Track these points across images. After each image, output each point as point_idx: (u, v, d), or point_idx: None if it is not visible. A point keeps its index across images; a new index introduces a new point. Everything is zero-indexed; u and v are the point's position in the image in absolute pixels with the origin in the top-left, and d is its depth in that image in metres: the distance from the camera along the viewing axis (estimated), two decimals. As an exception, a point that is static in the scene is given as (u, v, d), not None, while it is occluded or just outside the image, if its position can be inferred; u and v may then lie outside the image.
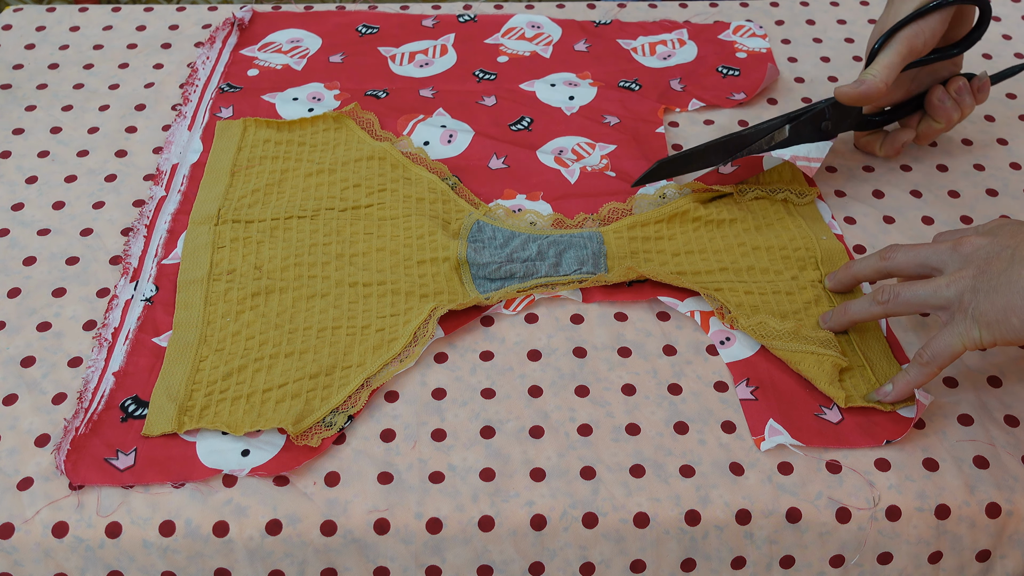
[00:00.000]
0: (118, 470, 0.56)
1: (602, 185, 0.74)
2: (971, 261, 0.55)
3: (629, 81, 0.84)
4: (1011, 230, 0.56)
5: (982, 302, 0.53)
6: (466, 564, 0.56)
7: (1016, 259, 0.52)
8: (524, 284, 0.66)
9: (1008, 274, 0.52)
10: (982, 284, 0.53)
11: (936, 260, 0.58)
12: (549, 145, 0.78)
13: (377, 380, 0.61)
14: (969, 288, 0.54)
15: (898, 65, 0.68)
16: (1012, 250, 0.53)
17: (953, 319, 0.55)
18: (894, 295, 0.58)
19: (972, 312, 0.54)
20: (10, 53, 0.87)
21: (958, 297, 0.55)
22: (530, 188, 0.74)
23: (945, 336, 0.55)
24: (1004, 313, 0.52)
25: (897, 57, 0.68)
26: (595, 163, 0.76)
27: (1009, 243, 0.54)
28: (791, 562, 0.56)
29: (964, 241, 0.57)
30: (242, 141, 0.77)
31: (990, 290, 0.53)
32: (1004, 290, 0.52)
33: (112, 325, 0.64)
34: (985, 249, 0.55)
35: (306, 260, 0.68)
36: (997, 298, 0.52)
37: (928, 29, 0.68)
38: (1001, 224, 0.57)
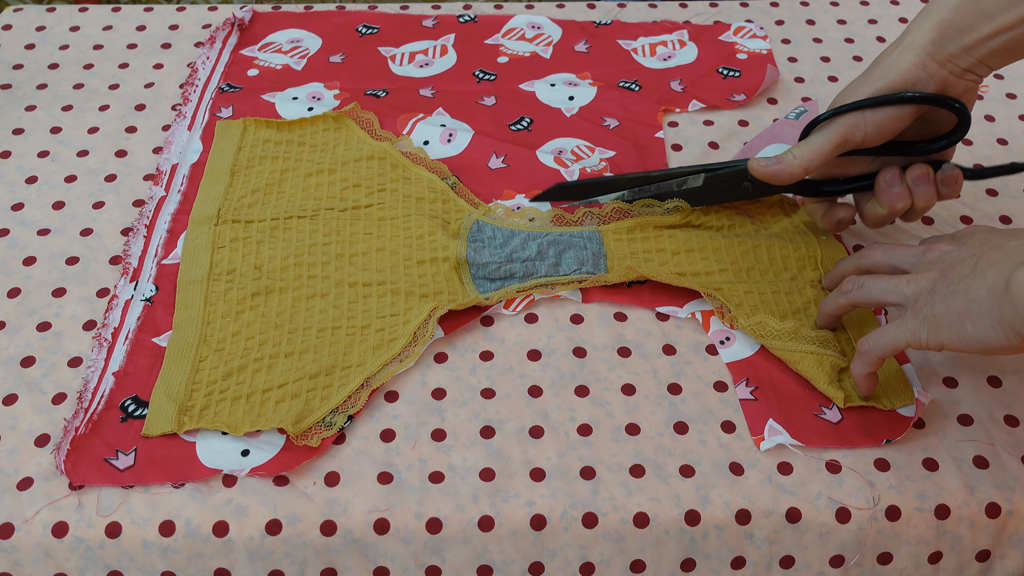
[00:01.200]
0: (118, 470, 0.56)
1: None
2: (935, 264, 0.56)
3: (629, 82, 0.84)
4: (980, 239, 0.56)
5: (938, 304, 0.53)
6: (466, 564, 0.56)
7: (978, 268, 0.52)
8: (524, 284, 0.66)
9: (968, 281, 0.52)
10: (941, 287, 0.53)
11: (906, 261, 0.58)
12: (549, 145, 0.78)
13: (377, 380, 0.61)
14: (927, 289, 0.54)
15: (828, 152, 0.61)
16: (976, 258, 0.53)
17: (904, 315, 0.55)
18: (857, 286, 0.59)
19: (925, 312, 0.54)
20: (10, 53, 0.87)
21: (915, 295, 0.55)
22: (529, 188, 0.74)
23: (891, 330, 0.55)
24: (958, 318, 0.52)
25: (828, 144, 0.61)
26: (594, 164, 0.76)
27: (975, 251, 0.54)
28: (791, 562, 0.56)
29: (934, 246, 0.57)
30: (242, 141, 0.77)
31: (948, 294, 0.53)
32: (961, 296, 0.52)
33: (112, 325, 0.64)
34: (951, 255, 0.55)
35: (306, 260, 0.68)
36: (953, 302, 0.52)
37: (874, 122, 0.60)
38: (973, 232, 0.57)
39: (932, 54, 0.59)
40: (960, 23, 0.58)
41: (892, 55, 0.61)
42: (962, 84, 0.61)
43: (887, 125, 0.60)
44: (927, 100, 0.60)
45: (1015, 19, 0.57)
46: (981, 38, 0.58)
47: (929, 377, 0.62)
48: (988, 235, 0.56)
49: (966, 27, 0.58)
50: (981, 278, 0.51)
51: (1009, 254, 0.52)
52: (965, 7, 0.58)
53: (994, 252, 0.53)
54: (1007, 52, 0.59)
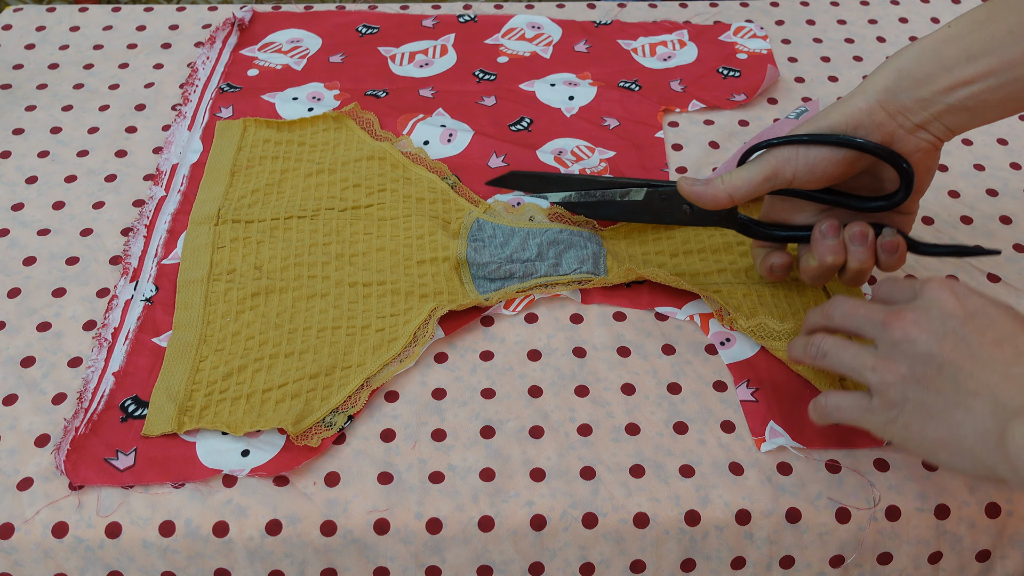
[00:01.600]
0: (118, 470, 0.56)
1: None
2: (904, 355, 0.50)
3: (629, 82, 0.84)
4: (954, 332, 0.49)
5: (910, 415, 0.49)
6: (466, 564, 0.56)
7: (961, 391, 0.47)
8: (524, 284, 0.66)
9: (950, 408, 0.48)
10: (915, 394, 0.49)
11: (868, 331, 0.53)
12: (549, 145, 0.78)
13: (377, 380, 0.61)
14: (896, 387, 0.49)
15: (756, 183, 0.58)
16: (955, 373, 0.48)
17: (871, 403, 0.51)
18: (821, 354, 0.54)
19: (896, 415, 0.50)
20: (10, 53, 0.87)
21: (883, 387, 0.50)
22: None
23: (856, 411, 0.52)
24: (933, 444, 0.48)
25: (758, 175, 0.58)
26: (594, 165, 0.76)
27: (952, 358, 0.48)
28: (791, 562, 0.56)
29: (897, 323, 0.50)
30: (242, 141, 0.77)
31: (924, 412, 0.48)
32: (941, 422, 0.48)
33: (112, 325, 0.64)
34: (922, 350, 0.49)
35: (306, 260, 0.68)
36: (930, 426, 0.48)
37: (807, 160, 0.57)
38: (943, 313, 0.50)
39: (883, 102, 0.56)
40: (918, 73, 0.55)
41: (845, 97, 0.58)
42: (913, 141, 0.56)
43: (819, 167, 0.57)
44: (864, 148, 0.56)
45: (974, 73, 0.54)
46: (938, 91, 0.55)
47: (929, 377, 0.62)
48: (962, 328, 0.49)
49: (923, 78, 0.55)
50: (966, 411, 0.47)
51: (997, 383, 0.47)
52: (925, 57, 0.55)
53: (977, 369, 0.48)
54: (966, 111, 0.55)
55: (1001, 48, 0.53)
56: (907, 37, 0.90)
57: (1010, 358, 0.48)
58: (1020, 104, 0.55)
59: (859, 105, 0.56)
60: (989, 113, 0.56)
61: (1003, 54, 0.53)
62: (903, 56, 0.56)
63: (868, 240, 0.58)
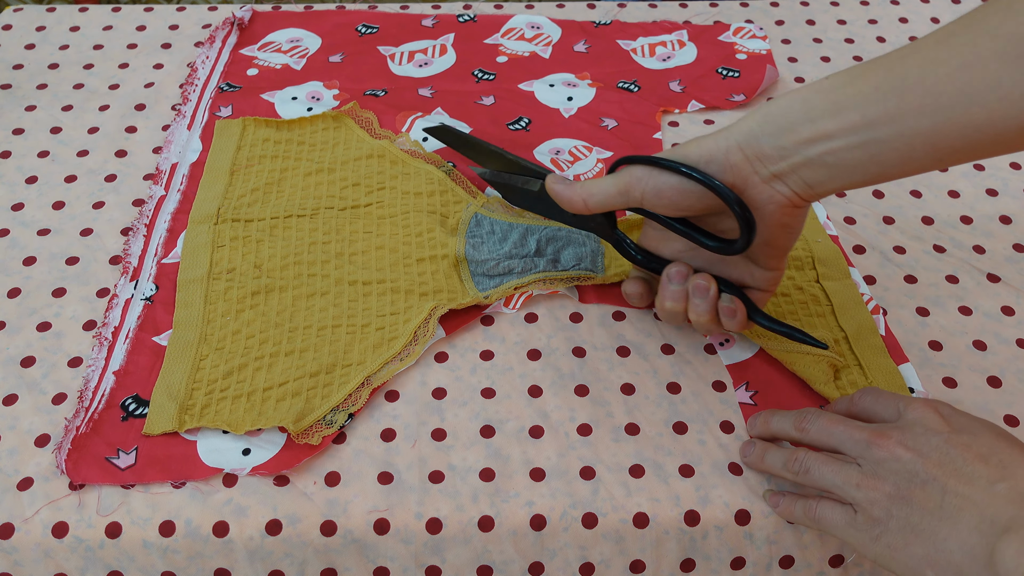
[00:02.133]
0: (119, 469, 0.56)
1: None
2: (889, 473, 0.49)
3: (628, 82, 0.84)
4: (937, 447, 0.49)
5: (894, 533, 0.48)
6: (466, 564, 0.56)
7: (946, 507, 0.47)
8: (522, 280, 0.66)
9: (935, 524, 0.47)
10: (900, 512, 0.48)
11: (850, 449, 0.52)
12: (546, 146, 0.78)
13: (378, 379, 0.61)
14: (881, 504, 0.49)
15: (611, 195, 0.57)
16: (942, 489, 0.48)
17: (856, 519, 0.50)
18: (804, 470, 0.53)
19: (880, 533, 0.49)
20: (10, 53, 0.87)
21: (867, 504, 0.50)
22: None
23: (843, 524, 0.51)
24: (919, 562, 0.47)
25: (612, 188, 0.57)
26: (590, 167, 0.76)
27: (936, 474, 0.48)
28: (791, 562, 0.56)
29: (882, 443, 0.50)
30: (241, 140, 0.77)
31: (909, 530, 0.48)
32: (927, 539, 0.47)
33: (112, 324, 0.64)
34: (908, 468, 0.49)
35: (306, 259, 0.68)
36: (916, 544, 0.48)
37: (655, 184, 0.55)
38: (927, 430, 0.50)
39: (742, 144, 0.53)
40: (781, 120, 0.52)
41: (712, 133, 0.56)
42: (767, 191, 0.54)
43: (666, 193, 0.55)
44: (707, 184, 0.54)
45: (835, 128, 0.50)
46: (798, 141, 0.52)
47: (929, 377, 0.62)
48: (946, 445, 0.49)
49: (786, 125, 0.52)
50: (951, 527, 0.47)
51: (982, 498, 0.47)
52: (794, 105, 0.52)
53: (962, 486, 0.48)
54: (824, 167, 0.52)
55: (865, 105, 0.50)
56: (907, 37, 0.90)
57: (995, 474, 0.47)
58: (883, 170, 0.51)
59: (719, 143, 0.54)
60: (849, 175, 0.52)
61: (866, 111, 0.50)
62: (775, 102, 0.53)
63: (708, 295, 0.58)
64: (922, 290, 0.67)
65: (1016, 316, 0.66)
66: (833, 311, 0.65)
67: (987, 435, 0.50)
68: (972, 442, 0.49)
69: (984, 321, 0.66)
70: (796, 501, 0.54)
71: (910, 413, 0.52)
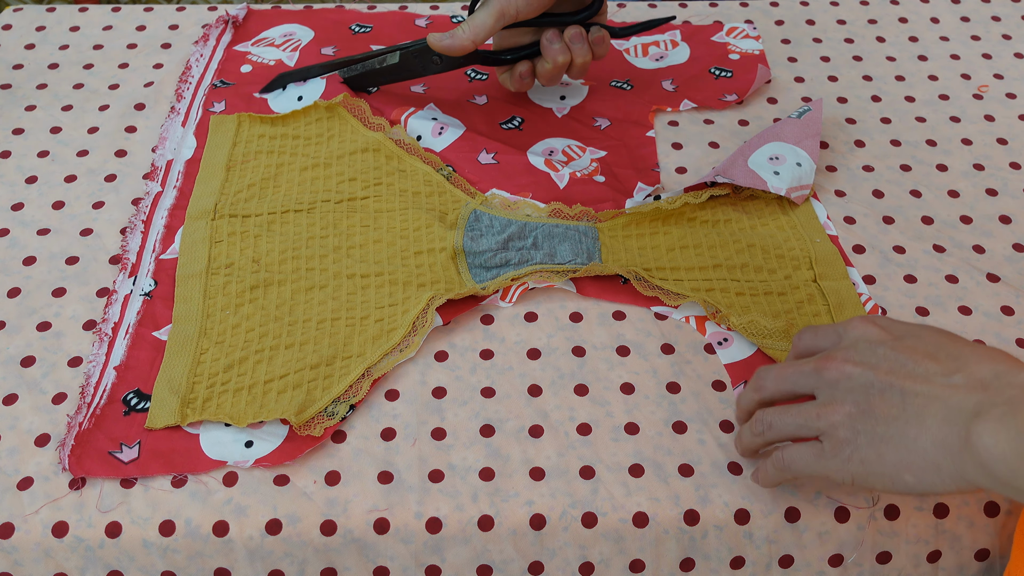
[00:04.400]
0: (122, 463, 0.56)
1: (592, 191, 0.73)
2: (845, 393, 0.49)
3: (621, 81, 0.84)
4: (887, 358, 0.49)
5: (865, 448, 0.48)
6: (466, 564, 0.56)
7: (909, 409, 0.47)
8: (519, 271, 0.66)
9: (901, 425, 0.47)
10: (865, 427, 0.48)
11: (803, 385, 0.52)
12: (539, 145, 0.78)
13: (378, 370, 0.61)
14: (844, 424, 0.49)
15: (490, 27, 0.73)
16: (901, 393, 0.48)
17: (824, 450, 0.50)
18: (767, 427, 0.53)
19: (849, 454, 0.49)
20: (10, 53, 0.87)
21: (831, 429, 0.49)
22: (519, 188, 0.73)
23: (811, 460, 0.51)
24: (895, 469, 0.47)
25: (489, 19, 0.73)
26: (584, 166, 0.76)
27: (892, 380, 0.48)
28: (790, 562, 0.56)
29: (829, 365, 0.50)
30: (236, 136, 0.77)
31: (877, 439, 0.48)
32: (898, 445, 0.47)
33: (112, 320, 0.64)
34: (860, 380, 0.49)
35: (304, 253, 0.68)
36: (887, 451, 0.47)
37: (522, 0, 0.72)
38: (870, 343, 0.51)
39: None
40: None
41: None
42: None
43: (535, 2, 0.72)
44: None
45: None
46: None
47: (928, 377, 0.62)
48: (892, 352, 0.50)
49: None
50: (919, 425, 0.47)
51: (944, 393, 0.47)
52: None
53: (919, 385, 0.48)
54: None
55: None
56: (907, 37, 0.90)
57: (947, 367, 0.48)
58: None
59: None
60: None
61: None
62: None
63: (584, 38, 0.75)
64: (922, 290, 0.67)
65: (1016, 316, 0.66)
66: (830, 311, 0.65)
67: (928, 334, 0.50)
68: (917, 344, 0.50)
69: (984, 321, 0.66)
70: (765, 462, 0.54)
71: (850, 333, 0.52)
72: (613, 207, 0.72)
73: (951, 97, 0.84)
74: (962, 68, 0.87)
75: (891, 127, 0.81)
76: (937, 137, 0.80)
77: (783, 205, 0.73)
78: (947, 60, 0.88)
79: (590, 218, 0.71)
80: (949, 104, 0.83)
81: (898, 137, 0.80)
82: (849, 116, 0.81)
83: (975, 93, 0.84)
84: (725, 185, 0.72)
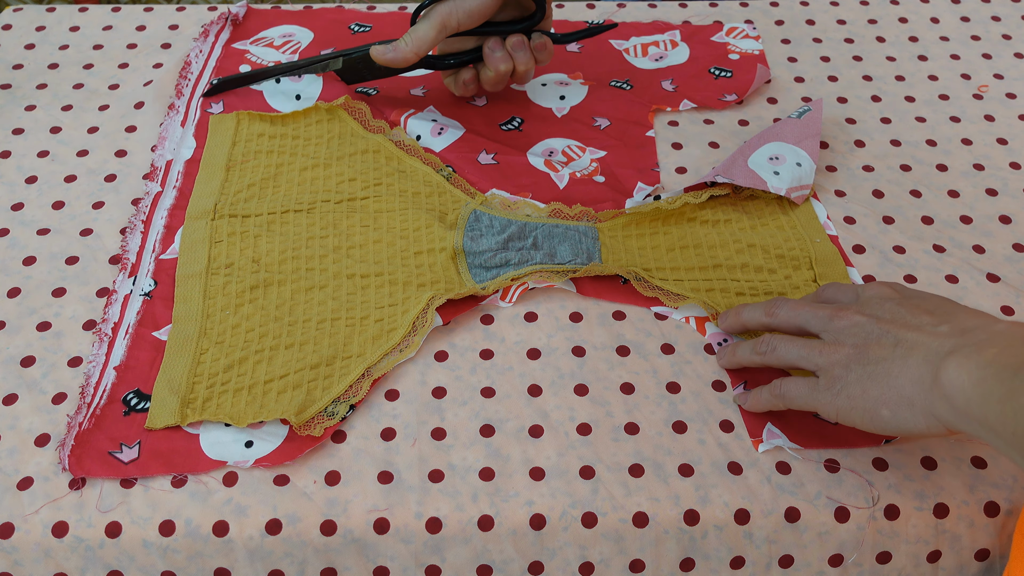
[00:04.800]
0: (122, 463, 0.56)
1: (592, 191, 0.74)
2: (848, 337, 0.54)
3: (621, 81, 0.84)
4: (889, 309, 0.54)
5: (853, 385, 0.52)
6: (466, 564, 0.56)
7: (898, 351, 0.51)
8: (519, 271, 0.66)
9: (887, 365, 0.51)
10: (857, 365, 0.52)
11: (814, 325, 0.57)
12: (539, 146, 0.78)
13: (378, 370, 0.61)
14: (841, 363, 0.53)
15: (432, 39, 0.74)
16: (894, 338, 0.52)
17: (818, 383, 0.54)
18: (771, 349, 0.57)
19: (840, 388, 0.53)
20: (10, 53, 0.87)
21: (828, 367, 0.54)
22: (519, 188, 0.74)
23: (805, 391, 0.55)
24: (875, 403, 0.51)
25: (431, 31, 0.73)
26: (584, 166, 0.76)
27: (889, 328, 0.53)
28: (790, 562, 0.56)
29: (842, 314, 0.55)
30: (236, 136, 0.77)
31: (865, 376, 0.52)
32: (880, 380, 0.51)
33: (112, 320, 0.64)
34: (864, 328, 0.54)
35: (304, 253, 0.68)
36: (871, 386, 0.51)
37: (465, 9, 0.73)
38: (882, 299, 0.56)
39: None
40: None
41: None
42: None
43: (476, 10, 0.73)
44: None
45: None
46: None
47: (928, 377, 0.62)
48: (897, 307, 0.54)
49: None
50: (902, 365, 0.50)
51: (929, 339, 0.51)
52: None
53: (911, 332, 0.52)
54: None
55: None
56: (907, 37, 0.90)
57: (939, 320, 0.52)
58: None
59: None
60: None
61: None
62: None
63: (526, 46, 0.76)
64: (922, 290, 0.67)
65: (1016, 316, 0.66)
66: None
67: (934, 297, 0.55)
68: (920, 302, 0.55)
69: (984, 321, 0.66)
70: (761, 388, 0.58)
71: (866, 292, 0.57)
72: (613, 207, 0.72)
73: (951, 97, 0.84)
74: (962, 68, 0.87)
75: (891, 127, 0.81)
76: (937, 137, 0.80)
77: (783, 205, 0.73)
78: (947, 60, 0.88)
79: (590, 218, 0.71)
80: (949, 104, 0.83)
81: (898, 137, 0.80)
82: (849, 116, 0.81)
83: (975, 93, 0.84)
84: (725, 185, 0.72)
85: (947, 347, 0.49)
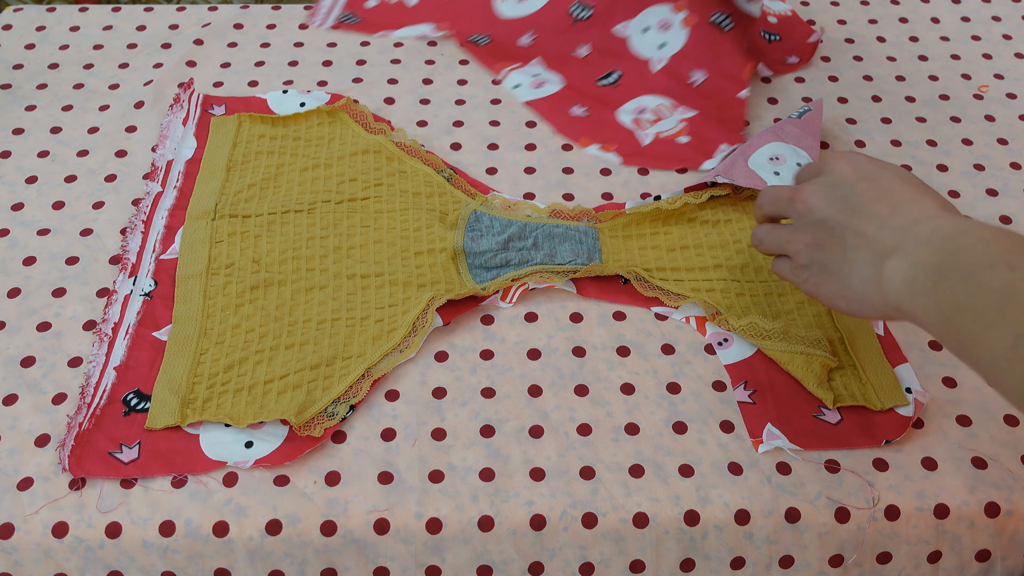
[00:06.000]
0: (122, 463, 0.56)
1: (672, 151, 0.76)
2: (808, 226, 0.57)
3: (723, 15, 0.82)
4: (844, 198, 0.56)
5: (818, 277, 0.57)
6: (466, 564, 0.56)
7: (848, 246, 0.54)
8: (519, 272, 0.66)
9: (842, 262, 0.55)
10: (817, 257, 0.56)
11: (782, 209, 0.60)
12: (632, 103, 0.80)
13: (378, 370, 0.61)
14: (804, 252, 0.57)
15: None
16: (843, 234, 0.55)
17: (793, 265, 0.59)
18: (759, 241, 0.62)
19: (808, 277, 0.57)
20: (10, 53, 0.87)
21: (795, 255, 0.58)
22: (605, 139, 0.77)
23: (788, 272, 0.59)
24: (834, 295, 0.56)
25: None
26: (671, 127, 0.78)
27: (842, 219, 0.55)
28: (790, 562, 0.56)
29: (799, 198, 0.58)
30: (237, 137, 0.77)
31: (824, 271, 0.56)
32: (836, 277, 0.55)
33: (112, 320, 0.64)
34: (820, 217, 0.56)
35: (304, 253, 0.68)
36: (830, 282, 0.56)
37: None
38: (837, 183, 0.57)
39: None
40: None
41: None
42: None
43: None
44: None
45: None
46: None
47: (929, 377, 0.62)
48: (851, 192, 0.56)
49: None
50: (852, 264, 0.54)
51: (873, 239, 0.53)
52: None
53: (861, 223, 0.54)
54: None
55: None
56: (907, 37, 0.90)
57: (886, 211, 0.54)
58: None
59: None
60: None
61: None
62: None
63: None
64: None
65: (1016, 316, 0.66)
66: (830, 312, 0.65)
67: (886, 176, 0.56)
68: (872, 185, 0.56)
69: (984, 321, 0.66)
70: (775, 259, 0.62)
71: (827, 166, 0.59)
72: (690, 166, 0.74)
73: (951, 97, 0.84)
74: (962, 68, 0.87)
75: (891, 127, 0.81)
76: (937, 137, 0.80)
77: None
78: (947, 60, 0.88)
79: (590, 218, 0.71)
80: (949, 104, 0.83)
81: (898, 137, 0.80)
82: (849, 116, 0.81)
83: (975, 93, 0.84)
84: (725, 185, 0.72)
85: (888, 248, 0.52)
